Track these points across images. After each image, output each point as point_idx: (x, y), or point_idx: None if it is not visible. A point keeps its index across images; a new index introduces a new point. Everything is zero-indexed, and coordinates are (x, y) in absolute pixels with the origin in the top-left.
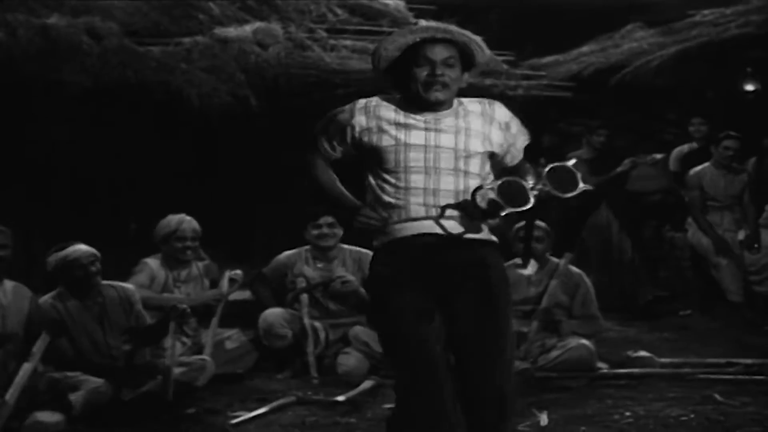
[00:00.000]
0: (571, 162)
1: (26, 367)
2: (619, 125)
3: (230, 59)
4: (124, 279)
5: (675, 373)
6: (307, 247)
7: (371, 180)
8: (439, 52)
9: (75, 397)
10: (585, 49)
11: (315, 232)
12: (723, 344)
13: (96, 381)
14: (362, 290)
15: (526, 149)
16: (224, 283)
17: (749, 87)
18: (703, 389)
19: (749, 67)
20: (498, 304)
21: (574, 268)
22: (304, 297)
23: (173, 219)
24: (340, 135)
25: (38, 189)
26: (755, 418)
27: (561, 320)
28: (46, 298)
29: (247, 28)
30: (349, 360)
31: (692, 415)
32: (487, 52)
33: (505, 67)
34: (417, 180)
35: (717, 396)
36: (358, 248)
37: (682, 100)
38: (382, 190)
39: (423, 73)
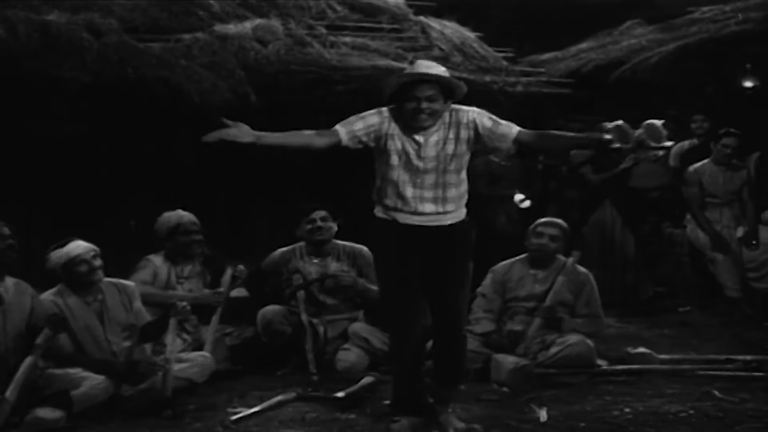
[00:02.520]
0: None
1: (27, 364)
2: None
3: (230, 56)
4: (124, 276)
5: (674, 370)
6: (302, 243)
7: (379, 167)
8: (424, 90)
9: (76, 395)
10: (584, 45)
11: (309, 226)
12: (722, 341)
13: (97, 378)
14: (359, 281)
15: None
16: (226, 280)
17: (748, 83)
18: (702, 385)
19: (749, 64)
20: (456, 258)
21: (581, 268)
22: (301, 293)
23: (171, 215)
24: (365, 129)
25: (38, 186)
26: (754, 414)
27: (563, 318)
28: (46, 295)
29: (247, 25)
30: (349, 356)
31: (691, 412)
32: (464, 88)
33: (504, 63)
34: (405, 178)
35: (716, 392)
36: (351, 244)
37: (681, 97)
38: (383, 179)
39: (410, 106)
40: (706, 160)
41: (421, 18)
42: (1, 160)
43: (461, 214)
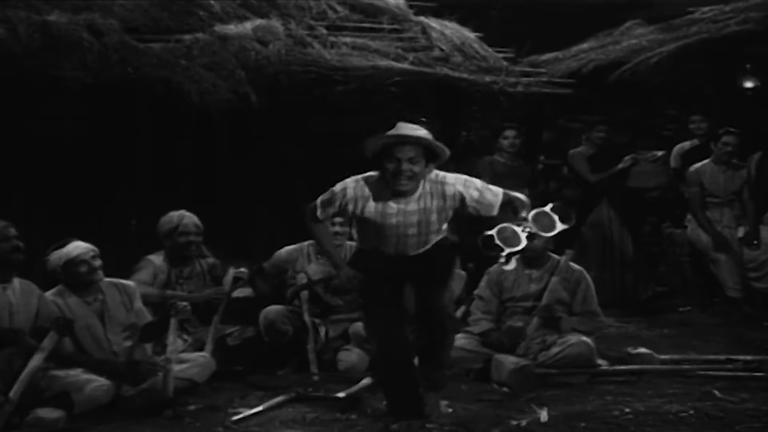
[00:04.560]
0: (549, 207)
1: (32, 365)
2: (619, 122)
3: (230, 56)
4: (125, 276)
5: (674, 370)
6: (310, 242)
7: (357, 224)
8: (406, 152)
9: (78, 397)
10: (585, 45)
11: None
12: (722, 341)
13: (99, 380)
14: None
15: (526, 146)
16: (228, 281)
17: (749, 84)
18: (702, 385)
19: (749, 64)
20: (436, 278)
21: (574, 265)
22: (305, 293)
23: (174, 215)
24: (338, 209)
25: (38, 186)
26: (754, 414)
27: (561, 317)
28: (47, 295)
29: (248, 25)
30: (350, 356)
31: (692, 412)
32: (447, 152)
33: (504, 63)
34: (388, 243)
35: (716, 392)
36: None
37: (681, 97)
38: (361, 235)
39: (391, 166)
40: (706, 160)
41: (422, 18)
42: (1, 161)
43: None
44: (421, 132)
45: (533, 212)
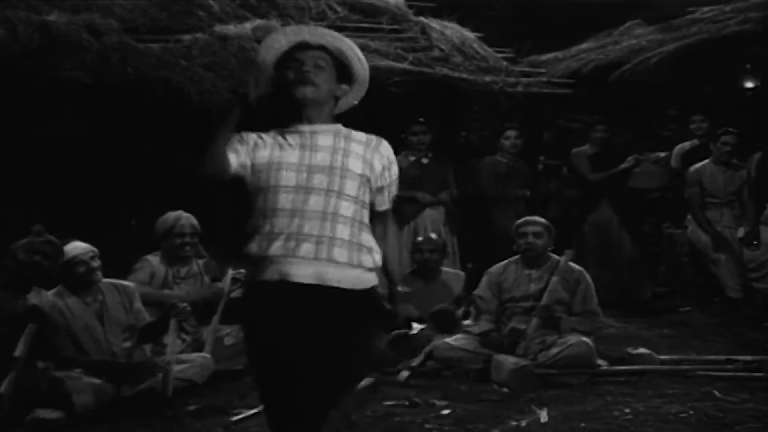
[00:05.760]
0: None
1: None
2: (619, 122)
3: (230, 56)
4: (124, 276)
5: (674, 370)
6: None
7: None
8: (308, 54)
9: (77, 398)
10: (584, 46)
11: None
12: (722, 341)
13: (99, 383)
14: None
15: (527, 147)
16: (227, 281)
17: (749, 84)
18: (702, 386)
19: (749, 64)
20: (349, 354)
21: (574, 265)
22: None
23: (171, 215)
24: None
25: (37, 186)
26: (754, 414)
27: (561, 317)
28: (48, 295)
29: (247, 26)
30: None
31: (691, 412)
32: (365, 64)
33: (504, 63)
34: (284, 200)
35: (716, 393)
36: None
37: (681, 97)
38: (254, 212)
39: (291, 74)
40: (706, 161)
41: (421, 18)
42: (1, 161)
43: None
44: (327, 32)
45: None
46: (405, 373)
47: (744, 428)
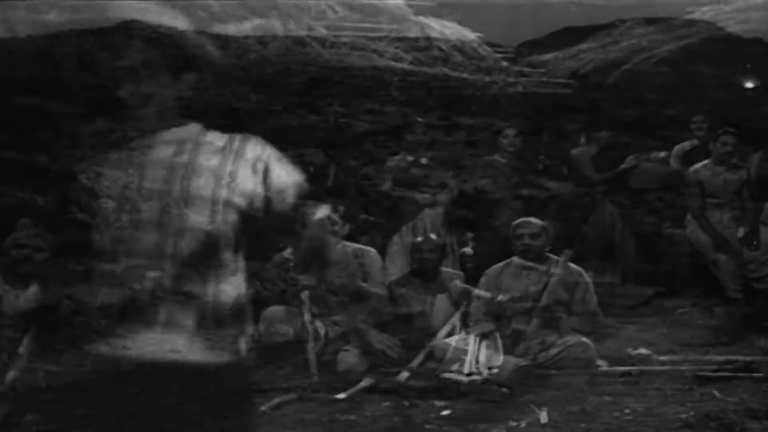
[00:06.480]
0: None
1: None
2: (619, 122)
3: (230, 56)
4: None
5: (674, 370)
6: None
7: None
8: None
9: None
10: (584, 46)
11: None
12: (722, 341)
13: None
14: (364, 285)
15: (526, 148)
16: None
17: (749, 84)
18: (702, 385)
19: (749, 64)
20: None
21: (573, 266)
22: (305, 294)
23: None
24: None
25: (37, 186)
26: (754, 414)
27: (561, 317)
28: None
29: (247, 25)
30: (349, 357)
31: (691, 412)
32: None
33: (504, 63)
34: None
35: (716, 393)
36: (360, 245)
37: (681, 97)
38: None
39: None
40: (706, 161)
41: (421, 18)
42: (1, 161)
43: None
44: None
45: None
46: (405, 373)
47: (744, 428)
